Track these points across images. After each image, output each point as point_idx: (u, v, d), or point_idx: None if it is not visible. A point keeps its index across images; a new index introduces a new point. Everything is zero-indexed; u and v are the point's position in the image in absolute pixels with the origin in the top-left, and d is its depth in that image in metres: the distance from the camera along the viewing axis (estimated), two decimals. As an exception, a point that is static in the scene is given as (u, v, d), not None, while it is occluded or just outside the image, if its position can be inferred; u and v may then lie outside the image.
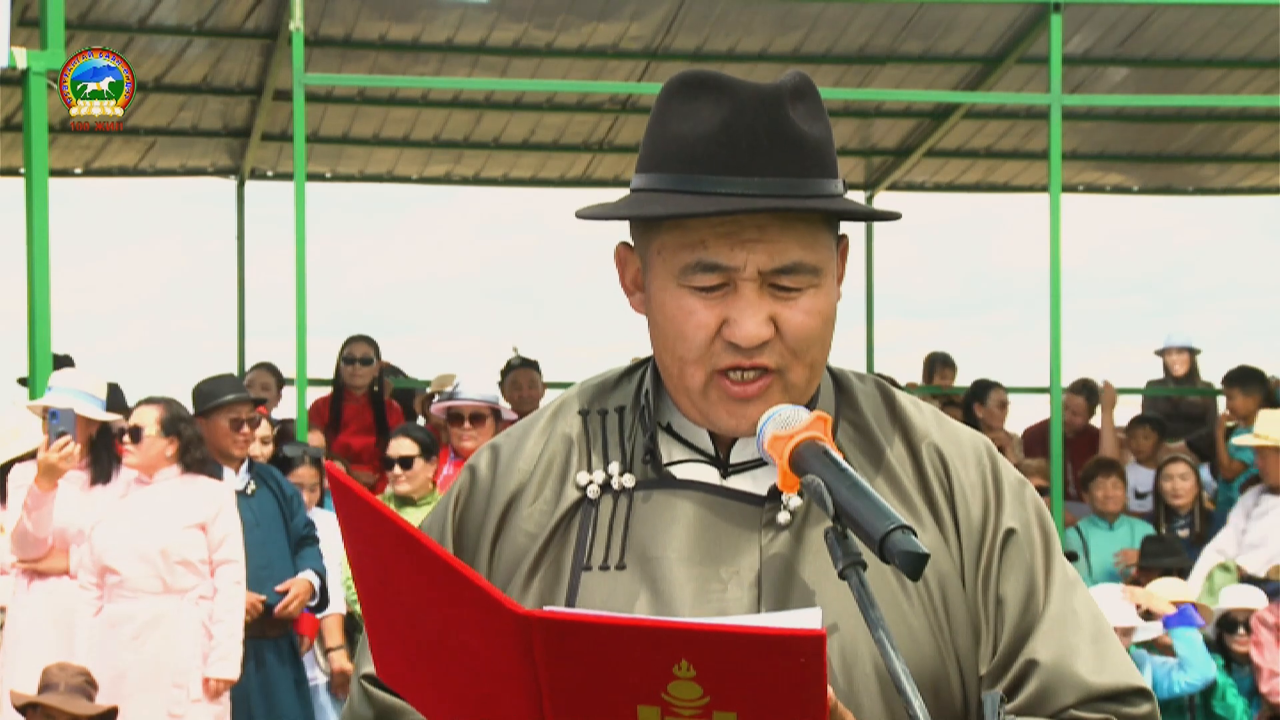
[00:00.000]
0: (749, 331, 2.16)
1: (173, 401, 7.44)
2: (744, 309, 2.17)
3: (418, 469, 7.72)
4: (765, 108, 2.17)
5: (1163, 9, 10.79)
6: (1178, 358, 12.11)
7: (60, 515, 7.27)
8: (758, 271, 2.17)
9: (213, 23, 10.86)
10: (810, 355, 2.21)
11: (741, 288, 2.17)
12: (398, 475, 7.68)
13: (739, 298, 2.17)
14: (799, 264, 2.18)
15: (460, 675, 1.98)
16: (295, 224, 8.97)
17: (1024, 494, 2.28)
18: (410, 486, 7.67)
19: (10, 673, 7.21)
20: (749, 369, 2.19)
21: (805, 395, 2.23)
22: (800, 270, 2.18)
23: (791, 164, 2.16)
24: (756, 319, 2.16)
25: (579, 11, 10.88)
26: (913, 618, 2.19)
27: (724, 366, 2.19)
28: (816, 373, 2.24)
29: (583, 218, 2.27)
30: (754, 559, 2.20)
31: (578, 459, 2.30)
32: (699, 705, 1.84)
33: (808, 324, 2.19)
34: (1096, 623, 2.23)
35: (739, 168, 2.15)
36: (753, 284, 2.17)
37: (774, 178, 2.15)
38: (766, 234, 2.16)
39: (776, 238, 2.17)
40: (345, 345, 10.11)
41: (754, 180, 2.15)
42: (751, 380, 2.19)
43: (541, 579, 2.25)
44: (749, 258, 2.16)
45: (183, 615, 7.10)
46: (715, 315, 2.18)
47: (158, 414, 7.28)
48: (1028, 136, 13.13)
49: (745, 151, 2.15)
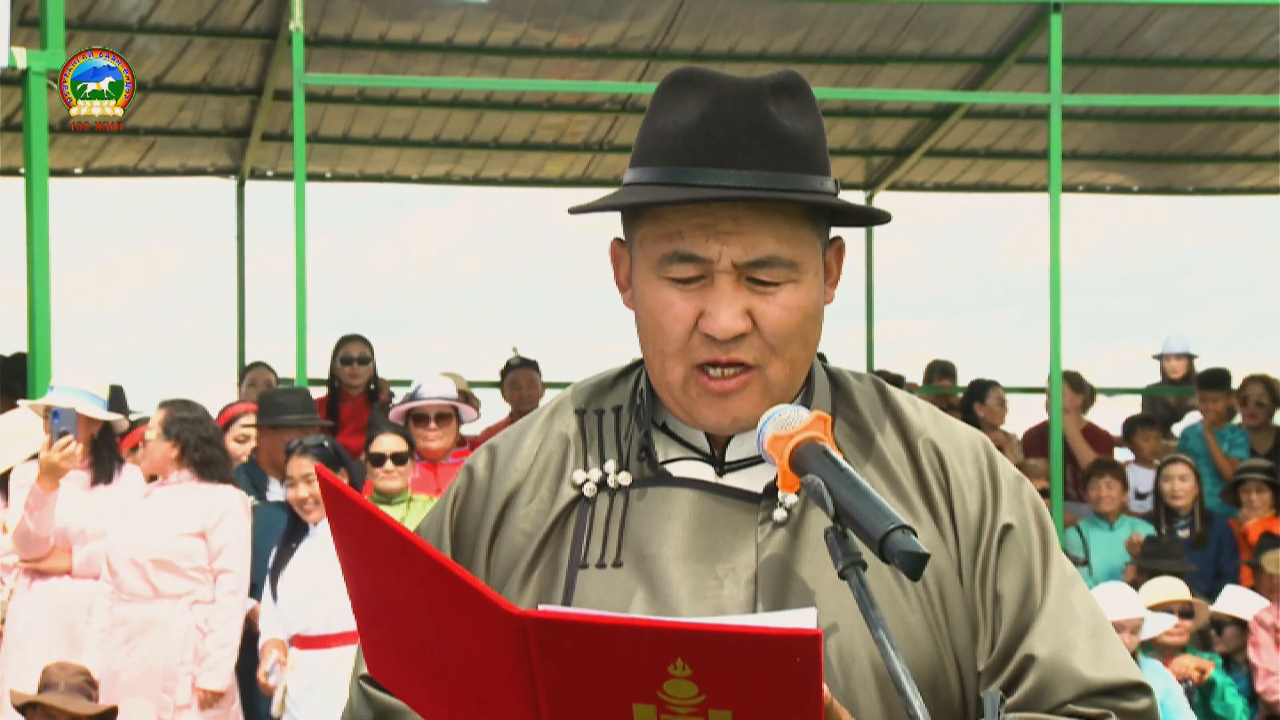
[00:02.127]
0: (723, 323, 2.17)
1: (179, 403, 7.45)
2: (719, 301, 2.17)
3: (408, 466, 7.75)
4: (744, 102, 2.17)
5: (1163, 9, 10.79)
6: (1176, 363, 12.13)
7: (62, 515, 7.27)
8: (733, 264, 2.17)
9: (212, 23, 10.86)
10: (789, 352, 2.21)
11: (718, 280, 2.18)
12: (390, 471, 7.67)
13: (715, 290, 2.18)
14: (774, 257, 2.18)
15: (455, 676, 1.98)
16: (295, 224, 8.97)
17: (1021, 490, 2.29)
18: (401, 483, 7.66)
19: (10, 672, 7.21)
20: (726, 364, 2.19)
21: (788, 393, 2.23)
22: (776, 264, 2.18)
23: (770, 158, 2.16)
24: (731, 311, 2.17)
25: (579, 11, 10.88)
26: (910, 615, 2.19)
27: (701, 361, 2.19)
28: (798, 370, 2.24)
29: (574, 213, 2.28)
30: (750, 556, 2.20)
31: (574, 458, 2.31)
32: (695, 704, 1.84)
33: (785, 319, 2.19)
34: (1094, 618, 2.23)
35: (716, 160, 2.16)
36: (728, 276, 2.17)
37: (751, 170, 2.16)
38: (742, 226, 2.17)
39: (752, 230, 2.17)
40: (341, 345, 10.10)
41: (730, 173, 2.15)
42: (730, 376, 2.20)
43: (538, 577, 2.25)
44: (724, 249, 2.17)
45: (175, 620, 7.11)
46: (692, 308, 2.19)
47: (160, 416, 7.31)
48: (1028, 136, 13.13)
49: (723, 144, 2.16)
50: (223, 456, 7.37)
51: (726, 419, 2.22)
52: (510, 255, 22.15)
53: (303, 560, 7.17)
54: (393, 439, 7.70)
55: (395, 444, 7.68)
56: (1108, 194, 14.70)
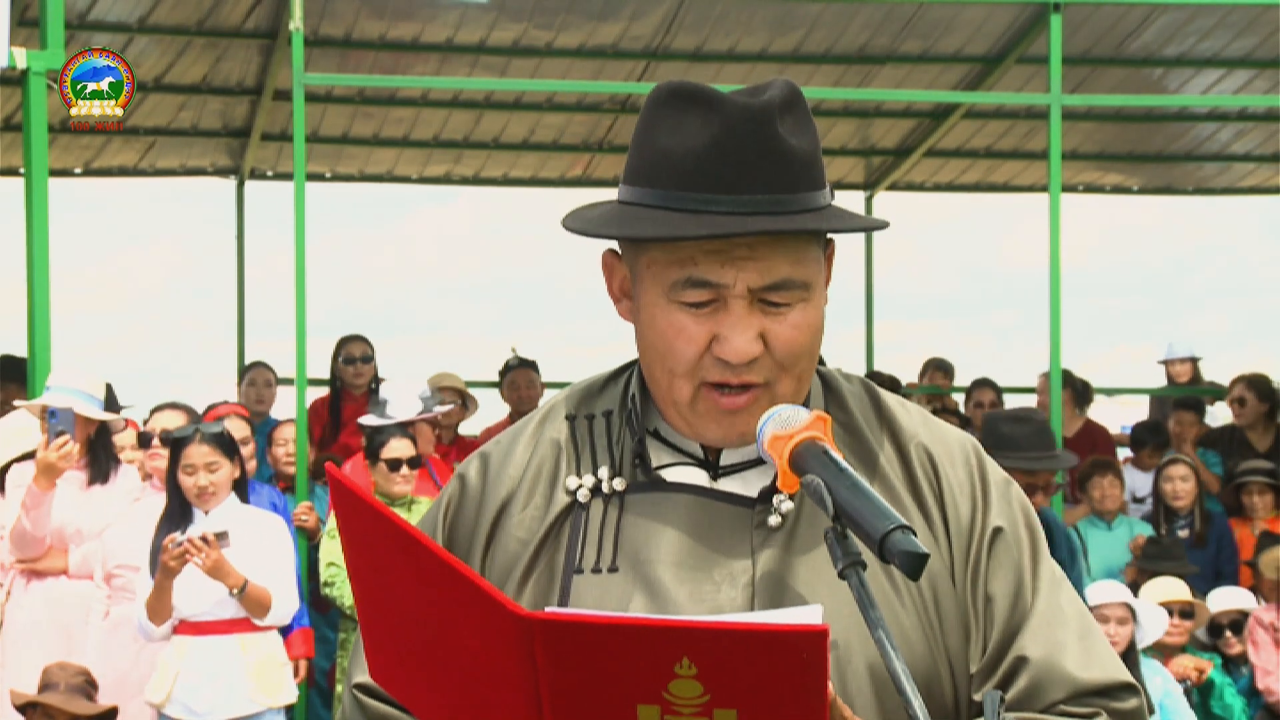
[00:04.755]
0: (739, 348, 2.17)
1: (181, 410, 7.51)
2: (734, 326, 2.18)
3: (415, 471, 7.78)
4: (755, 125, 2.16)
5: (1163, 9, 10.78)
6: (1180, 368, 12.15)
7: (58, 515, 7.27)
8: (748, 289, 2.18)
9: (212, 23, 10.85)
10: (799, 368, 2.22)
11: (731, 304, 2.18)
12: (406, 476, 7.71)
13: (729, 314, 2.18)
14: (789, 280, 2.19)
15: (457, 677, 1.98)
16: (295, 224, 8.96)
17: (1010, 493, 2.30)
18: (408, 487, 7.69)
19: (10, 673, 7.21)
20: (737, 385, 2.20)
21: (794, 404, 2.23)
22: (790, 286, 2.19)
23: (780, 180, 2.16)
24: (746, 335, 2.18)
25: (579, 11, 10.88)
26: (905, 618, 2.20)
27: (713, 380, 2.20)
28: (804, 383, 2.25)
29: (570, 230, 2.25)
30: (746, 561, 2.21)
31: (567, 464, 2.31)
32: (699, 704, 1.84)
33: (797, 338, 2.20)
34: (1083, 620, 2.26)
35: (728, 185, 2.15)
36: (742, 301, 2.18)
37: (763, 194, 2.15)
38: (757, 252, 2.17)
39: (767, 255, 2.18)
40: (341, 345, 10.09)
41: (744, 198, 2.15)
42: (740, 393, 2.20)
43: (534, 584, 2.26)
44: (739, 275, 2.17)
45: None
46: (705, 331, 2.19)
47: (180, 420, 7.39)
48: (1028, 136, 13.13)
49: (734, 169, 2.16)
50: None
51: (734, 434, 2.23)
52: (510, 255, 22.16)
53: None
54: (403, 443, 7.72)
55: (406, 449, 7.71)
56: (1108, 194, 14.70)
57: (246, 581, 6.77)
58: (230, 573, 6.73)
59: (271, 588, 6.86)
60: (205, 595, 6.80)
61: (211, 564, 6.67)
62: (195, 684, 6.80)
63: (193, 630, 6.83)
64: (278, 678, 6.94)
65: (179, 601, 6.78)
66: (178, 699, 6.80)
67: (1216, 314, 22.46)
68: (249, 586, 6.76)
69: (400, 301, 22.19)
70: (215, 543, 6.69)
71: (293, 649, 7.33)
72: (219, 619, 6.84)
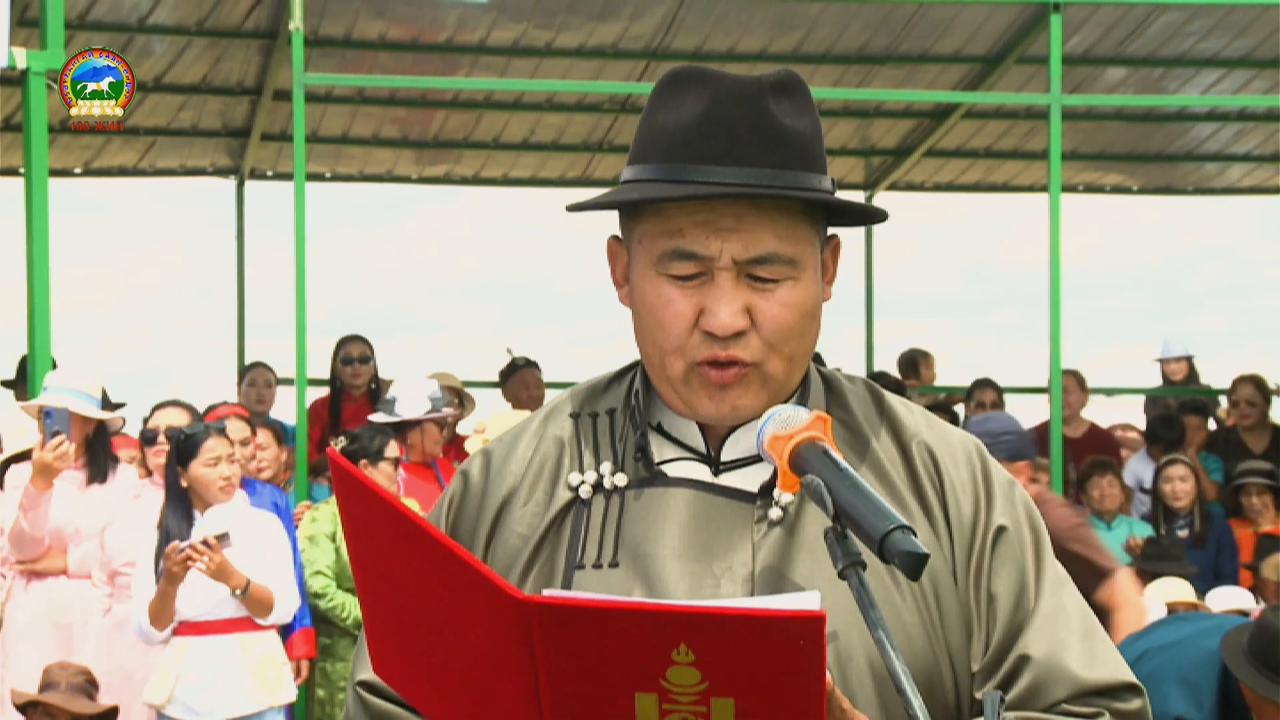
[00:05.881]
0: (723, 320, 2.18)
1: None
2: (719, 298, 2.18)
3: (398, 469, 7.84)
4: (745, 100, 2.18)
5: (1163, 9, 10.79)
6: (1176, 366, 12.16)
7: (57, 514, 7.26)
8: (733, 260, 2.18)
9: (212, 23, 10.86)
10: (788, 348, 2.22)
11: (718, 277, 2.19)
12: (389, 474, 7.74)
13: (715, 287, 2.19)
14: (774, 254, 2.19)
15: (458, 668, 1.98)
16: (295, 224, 8.96)
17: (1013, 493, 2.30)
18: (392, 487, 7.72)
19: (10, 672, 7.21)
20: (726, 362, 2.20)
21: (786, 387, 2.24)
22: (776, 261, 2.19)
23: (770, 155, 2.17)
24: (731, 308, 2.18)
25: (579, 11, 10.88)
26: (906, 615, 2.20)
27: (701, 360, 2.20)
28: (797, 366, 2.25)
29: (572, 210, 2.29)
30: (746, 555, 2.21)
31: (569, 460, 2.31)
32: (697, 691, 1.84)
33: (784, 316, 2.20)
34: (1085, 619, 2.25)
35: (717, 157, 2.17)
36: (728, 273, 2.18)
37: (751, 168, 2.17)
38: (743, 223, 2.18)
39: (752, 227, 2.18)
40: (341, 346, 10.10)
41: (731, 170, 2.16)
42: (728, 367, 2.21)
43: (535, 579, 2.26)
44: (724, 246, 2.18)
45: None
46: (692, 305, 2.20)
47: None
48: (1027, 136, 13.13)
49: (723, 141, 2.17)
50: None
51: (726, 408, 2.22)
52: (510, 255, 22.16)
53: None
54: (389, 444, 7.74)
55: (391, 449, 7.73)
56: (1108, 194, 14.70)
57: (249, 582, 6.77)
58: (233, 574, 6.74)
59: (273, 586, 6.87)
60: (205, 595, 6.80)
61: (215, 567, 6.68)
62: (195, 684, 6.81)
63: (192, 630, 6.84)
64: (278, 677, 6.94)
65: (179, 602, 6.79)
66: (178, 699, 6.81)
67: (1215, 314, 22.47)
68: (251, 586, 6.77)
69: (400, 301, 22.19)
70: (217, 545, 6.70)
71: (294, 649, 7.34)
72: (219, 619, 6.84)
